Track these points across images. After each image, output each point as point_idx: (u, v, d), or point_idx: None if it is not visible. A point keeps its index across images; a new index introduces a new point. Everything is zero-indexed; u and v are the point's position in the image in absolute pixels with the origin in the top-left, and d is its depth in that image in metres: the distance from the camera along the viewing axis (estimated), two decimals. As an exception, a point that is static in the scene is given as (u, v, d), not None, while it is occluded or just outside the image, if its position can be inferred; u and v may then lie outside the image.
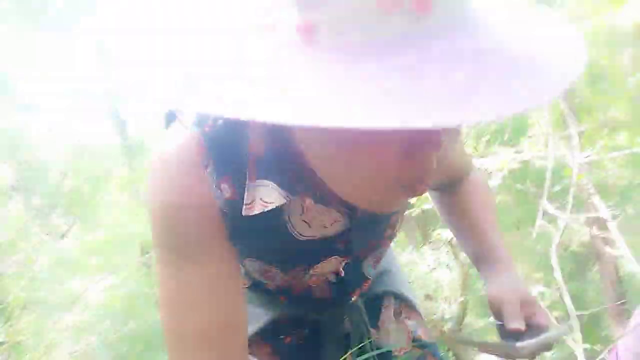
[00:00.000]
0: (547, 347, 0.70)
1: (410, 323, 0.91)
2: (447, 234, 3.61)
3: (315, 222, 0.65)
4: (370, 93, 0.36)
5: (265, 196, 0.59)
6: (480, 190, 0.89)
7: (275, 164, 0.59)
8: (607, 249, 3.20)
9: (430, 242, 4.90)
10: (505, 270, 0.80)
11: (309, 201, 0.63)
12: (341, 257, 0.72)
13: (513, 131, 3.21)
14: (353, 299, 0.83)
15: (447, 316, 4.90)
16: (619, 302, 3.04)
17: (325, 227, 0.66)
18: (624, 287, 3.23)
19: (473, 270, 4.80)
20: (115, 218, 4.57)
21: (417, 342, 0.89)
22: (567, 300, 2.81)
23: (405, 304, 0.92)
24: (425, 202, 3.34)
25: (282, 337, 0.85)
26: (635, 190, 2.91)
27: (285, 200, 0.59)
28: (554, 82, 0.40)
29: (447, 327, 4.67)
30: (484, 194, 0.90)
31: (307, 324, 0.84)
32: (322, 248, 0.69)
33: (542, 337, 0.72)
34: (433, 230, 4.80)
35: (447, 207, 0.91)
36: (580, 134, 2.68)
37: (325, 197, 0.63)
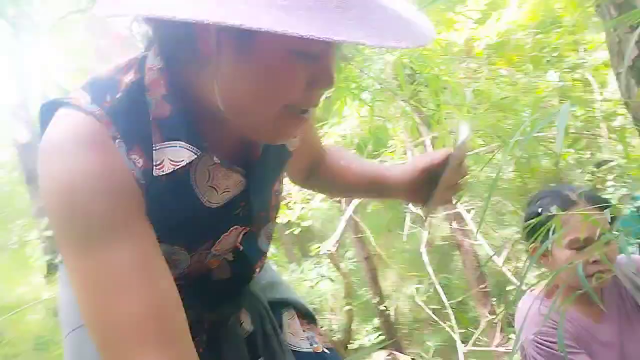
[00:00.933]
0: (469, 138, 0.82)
1: (308, 335, 0.93)
2: (326, 246, 3.73)
3: (222, 187, 0.68)
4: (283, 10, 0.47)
5: (174, 156, 0.61)
6: (342, 152, 1.07)
7: (179, 122, 0.61)
8: (466, 240, 3.60)
9: (311, 257, 5.01)
10: (391, 168, 0.97)
11: (216, 158, 0.66)
12: (241, 226, 0.75)
13: (374, 143, 3.46)
14: (257, 271, 0.83)
15: (335, 326, 5.03)
16: (482, 287, 3.42)
17: (229, 191, 0.69)
18: (484, 272, 3.65)
19: (355, 278, 5.01)
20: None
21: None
22: (440, 291, 3.10)
23: (301, 314, 0.95)
24: (302, 220, 3.43)
25: None
26: (481, 186, 3.34)
27: (195, 156, 0.61)
28: (424, 35, 0.55)
29: (337, 337, 4.80)
30: (346, 152, 1.09)
31: (205, 329, 0.80)
32: (225, 217, 0.72)
33: (462, 132, 0.79)
34: (310, 245, 4.92)
35: (329, 178, 1.03)
36: (433, 140, 2.99)
37: (227, 148, 0.68)
